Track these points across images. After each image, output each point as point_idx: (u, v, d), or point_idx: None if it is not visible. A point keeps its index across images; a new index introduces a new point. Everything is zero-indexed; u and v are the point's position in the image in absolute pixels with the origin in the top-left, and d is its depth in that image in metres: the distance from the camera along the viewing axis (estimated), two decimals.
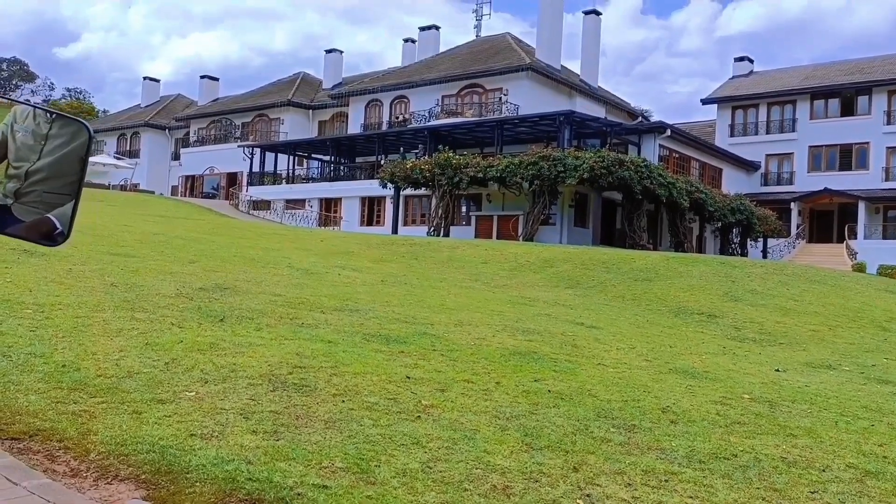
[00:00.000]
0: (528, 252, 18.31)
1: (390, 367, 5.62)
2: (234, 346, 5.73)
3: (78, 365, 4.78)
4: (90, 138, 1.68)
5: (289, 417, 4.18)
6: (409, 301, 9.77)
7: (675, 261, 17.34)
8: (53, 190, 1.64)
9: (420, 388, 5.14)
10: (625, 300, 13.33)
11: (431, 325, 7.85)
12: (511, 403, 4.99)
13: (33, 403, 3.97)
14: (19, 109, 1.71)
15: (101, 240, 12.99)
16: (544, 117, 30.72)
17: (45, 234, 1.64)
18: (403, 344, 6.66)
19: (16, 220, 1.64)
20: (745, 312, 12.50)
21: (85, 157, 1.67)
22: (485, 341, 7.27)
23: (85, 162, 1.67)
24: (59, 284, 7.73)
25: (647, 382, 6.18)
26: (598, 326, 9.46)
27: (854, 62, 42.28)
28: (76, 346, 5.26)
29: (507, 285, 13.96)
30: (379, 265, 15.18)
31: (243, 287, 9.10)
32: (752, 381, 6.77)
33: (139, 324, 6.24)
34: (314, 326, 7.04)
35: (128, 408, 4.05)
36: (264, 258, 13.31)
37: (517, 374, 5.92)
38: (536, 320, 9.31)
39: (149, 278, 8.93)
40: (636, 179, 25.10)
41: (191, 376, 4.80)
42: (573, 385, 5.74)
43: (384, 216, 36.10)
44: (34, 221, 1.64)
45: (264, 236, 19.93)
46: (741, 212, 32.21)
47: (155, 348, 5.44)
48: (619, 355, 7.50)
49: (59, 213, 1.63)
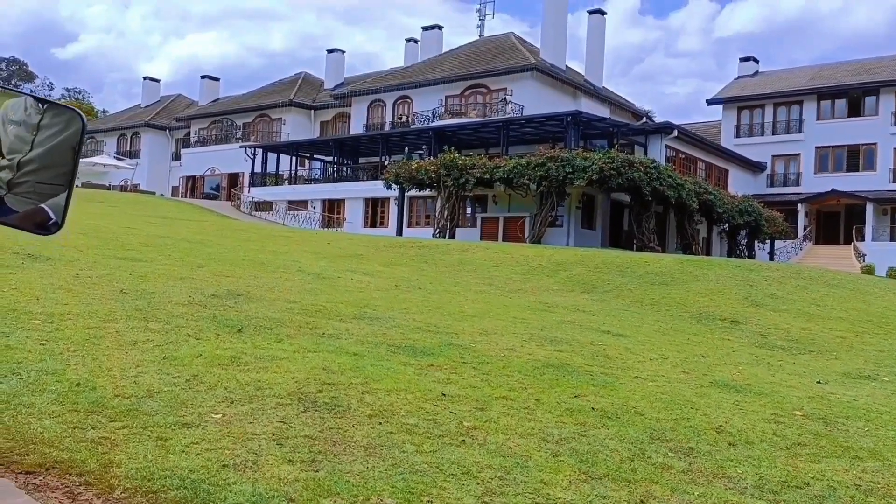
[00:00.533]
0: (539, 255, 17.97)
1: (423, 383, 5.28)
2: (256, 360, 5.39)
3: (93, 383, 4.44)
4: (83, 127, 1.67)
5: (325, 443, 3.84)
6: (427, 308, 9.44)
7: (689, 264, 17.01)
8: (46, 180, 1.64)
9: (458, 406, 4.81)
10: (643, 305, 13.00)
11: (456, 335, 7.52)
12: (557, 423, 4.66)
13: (48, 429, 3.63)
14: (11, 100, 1.67)
15: (106, 243, 12.66)
16: (551, 118, 30.38)
17: (39, 224, 1.65)
18: (431, 356, 6.32)
19: (9, 210, 1.64)
20: (768, 318, 12.17)
21: (78, 146, 1.66)
22: (514, 352, 6.93)
23: (78, 151, 1.66)
24: (67, 291, 7.39)
25: (691, 398, 5.84)
26: (625, 334, 9.13)
27: (861, 62, 41.96)
28: (90, 362, 4.92)
29: (521, 290, 13.63)
30: (390, 269, 14.84)
31: (257, 293, 8.76)
32: (797, 396, 6.43)
33: (154, 335, 5.91)
34: (336, 337, 6.70)
35: (151, 433, 3.71)
36: (274, 262, 12.97)
37: (555, 390, 5.59)
38: (561, 328, 8.98)
39: (159, 284, 8.59)
40: (645, 181, 24.77)
41: (215, 395, 4.46)
42: (616, 401, 5.41)
43: (388, 217, 35.76)
44: (28, 211, 1.64)
45: (270, 239, 19.59)
46: (749, 213, 31.88)
47: (173, 363, 5.10)
48: (655, 367, 7.17)
49: (53, 202, 1.64)
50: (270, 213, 38.84)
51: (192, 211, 33.42)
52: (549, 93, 38.37)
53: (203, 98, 59.29)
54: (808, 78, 42.05)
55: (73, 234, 13.02)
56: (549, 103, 36.94)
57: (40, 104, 1.69)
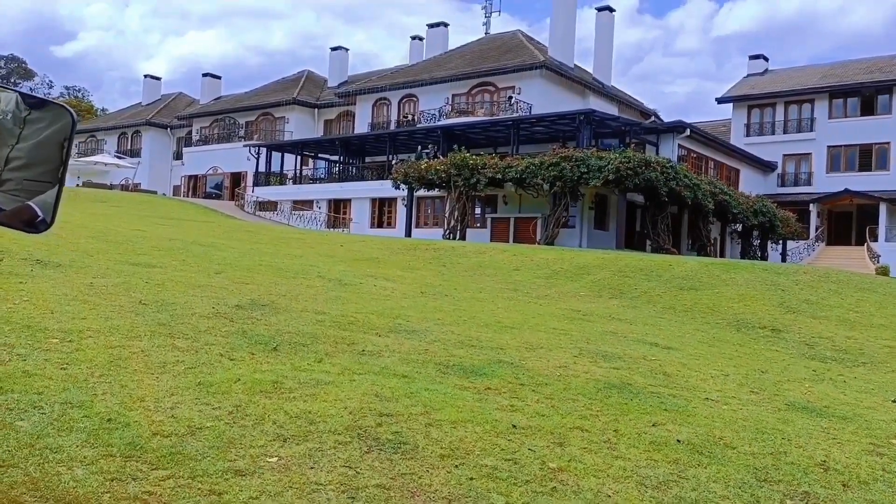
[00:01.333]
0: (559, 258, 17.44)
1: (486, 411, 4.75)
2: (300, 386, 4.86)
3: (126, 417, 3.90)
4: (73, 122, 1.63)
5: (402, 495, 3.31)
6: (461, 318, 8.90)
7: (714, 267, 16.50)
8: (34, 177, 1.61)
9: (534, 441, 4.27)
10: (676, 312, 12.47)
11: (502, 350, 6.99)
12: (647, 462, 4.12)
13: (81, 482, 3.09)
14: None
15: (115, 247, 12.13)
16: (562, 116, 29.84)
17: (27, 222, 1.62)
18: (484, 376, 5.79)
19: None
20: (808, 326, 11.65)
21: (67, 142, 1.62)
22: (569, 370, 6.40)
23: (67, 147, 1.63)
24: (83, 303, 6.84)
25: (775, 425, 5.31)
26: (673, 347, 8.60)
27: (874, 60, 41.43)
28: (118, 389, 4.38)
29: (548, 295, 13.10)
30: (409, 273, 14.31)
31: (282, 303, 8.22)
32: (882, 419, 5.91)
33: (183, 355, 5.37)
34: (377, 354, 6.17)
35: (202, 485, 3.18)
36: (291, 267, 12.44)
37: (629, 417, 5.06)
38: (605, 340, 8.45)
39: (178, 294, 8.05)
40: (662, 181, 24.23)
41: (264, 431, 3.92)
42: (699, 431, 4.88)
43: (395, 218, 35.21)
44: (15, 209, 1.61)
45: (281, 241, 19.05)
46: (764, 213, 31.35)
47: (210, 390, 4.56)
48: (719, 385, 6.64)
49: (41, 200, 1.61)
50: (275, 213, 38.30)
51: (196, 211, 32.88)
52: (557, 91, 37.85)
53: (204, 96, 58.71)
54: (820, 76, 41.52)
55: (83, 237, 12.49)
56: (558, 102, 36.43)
57: (29, 98, 1.64)
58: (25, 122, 1.62)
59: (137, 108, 64.26)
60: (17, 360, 4.68)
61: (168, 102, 62.59)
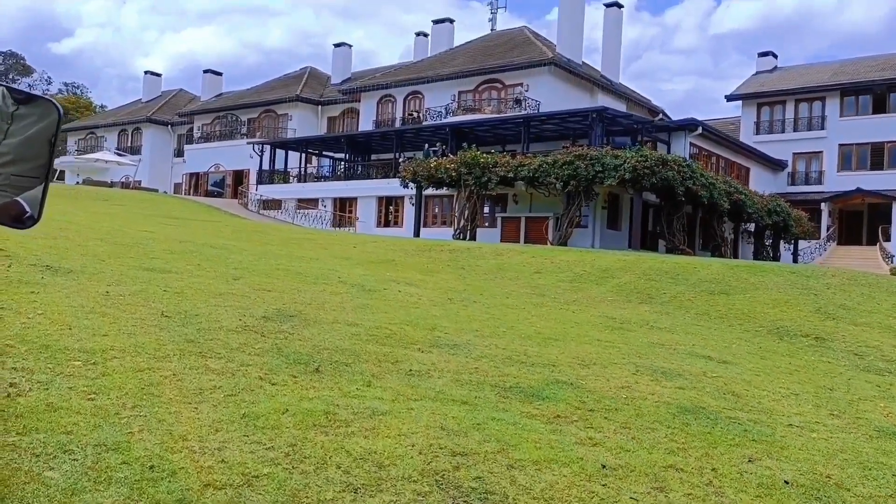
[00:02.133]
0: (579, 260, 16.92)
1: (567, 447, 4.23)
2: (355, 417, 4.33)
3: (170, 463, 3.37)
4: (59, 118, 1.61)
5: None
6: (499, 329, 8.38)
7: (741, 270, 15.99)
8: (22, 173, 1.58)
9: (630, 485, 3.76)
10: (711, 318, 11.96)
11: (555, 367, 6.47)
12: None
13: None
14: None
15: (126, 250, 11.58)
16: (574, 114, 29.30)
17: (15, 218, 1.60)
18: (547, 400, 5.27)
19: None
20: (852, 334, 11.15)
21: (53, 138, 1.61)
22: (633, 391, 5.88)
23: (54, 143, 1.61)
24: (102, 316, 6.31)
25: (875, 457, 4.80)
26: (728, 360, 8.08)
27: (885, 57, 40.93)
28: (155, 425, 3.85)
29: (576, 301, 12.58)
30: (430, 277, 13.78)
31: (310, 313, 7.69)
32: None
33: (219, 378, 4.84)
34: (426, 375, 5.65)
35: None
36: (309, 271, 11.90)
37: (718, 450, 4.54)
38: (656, 354, 7.93)
39: (200, 303, 7.52)
40: (678, 180, 23.71)
41: (329, 479, 3.40)
42: (801, 467, 4.36)
43: (402, 217, 34.66)
44: (3, 205, 1.58)
45: (292, 242, 18.51)
46: (777, 213, 30.85)
47: (258, 424, 4.03)
48: (793, 407, 6.12)
49: (28, 196, 1.59)
50: (280, 212, 37.75)
51: (200, 210, 32.34)
52: (566, 88, 37.31)
53: (205, 93, 58.08)
54: (830, 73, 41.00)
55: (91, 239, 11.96)
56: (567, 99, 35.91)
57: (16, 93, 1.61)
58: (13, 117, 1.58)
59: (137, 105, 63.62)
60: (38, 390, 4.15)
61: (168, 99, 61.96)
